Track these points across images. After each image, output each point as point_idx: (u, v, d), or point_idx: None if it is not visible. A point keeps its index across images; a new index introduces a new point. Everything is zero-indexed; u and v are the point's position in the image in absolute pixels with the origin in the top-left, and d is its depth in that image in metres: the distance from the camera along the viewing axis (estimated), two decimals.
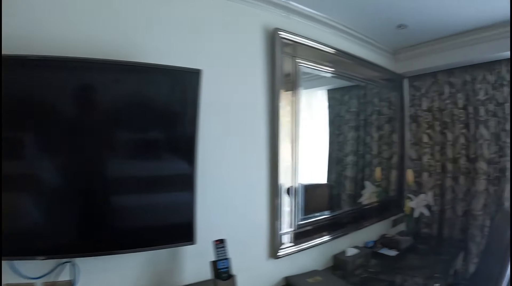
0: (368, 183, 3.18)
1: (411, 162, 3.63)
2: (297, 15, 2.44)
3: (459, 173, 3.24)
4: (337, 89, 3.02)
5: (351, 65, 2.88)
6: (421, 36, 3.14)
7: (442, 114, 3.38)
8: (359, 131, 3.16)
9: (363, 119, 3.21)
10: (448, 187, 3.32)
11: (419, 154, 3.57)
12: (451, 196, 3.30)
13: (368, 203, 3.16)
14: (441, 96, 3.38)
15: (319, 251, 2.55)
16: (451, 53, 3.14)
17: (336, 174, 3.03)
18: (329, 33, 2.73)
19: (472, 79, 3.14)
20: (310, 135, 2.61)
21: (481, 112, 3.07)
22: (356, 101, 3.15)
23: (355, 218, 2.97)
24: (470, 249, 3.12)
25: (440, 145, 3.40)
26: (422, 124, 3.55)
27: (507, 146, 2.91)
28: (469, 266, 3.11)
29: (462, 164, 3.23)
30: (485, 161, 3.05)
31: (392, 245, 2.95)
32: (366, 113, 3.25)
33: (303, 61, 2.40)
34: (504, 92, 2.93)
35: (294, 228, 2.32)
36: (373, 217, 3.17)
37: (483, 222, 3.05)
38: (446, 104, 3.34)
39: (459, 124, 3.25)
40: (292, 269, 2.33)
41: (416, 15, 2.66)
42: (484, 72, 3.05)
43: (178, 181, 1.63)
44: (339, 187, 3.05)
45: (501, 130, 2.96)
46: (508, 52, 2.69)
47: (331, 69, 2.68)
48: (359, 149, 3.18)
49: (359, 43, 3.06)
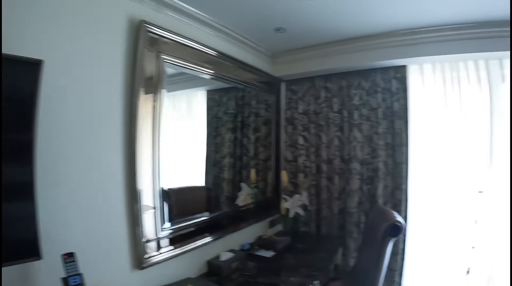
0: (243, 185, 3.10)
1: (287, 164, 3.69)
2: (171, 10, 2.27)
3: (334, 174, 3.43)
4: (216, 91, 2.93)
5: (228, 66, 2.81)
6: (300, 41, 3.22)
7: (317, 117, 3.53)
8: (236, 133, 3.08)
9: (241, 120, 3.14)
10: (324, 187, 3.47)
11: (295, 155, 3.65)
12: (327, 195, 3.47)
13: (244, 205, 3.09)
14: (317, 100, 3.54)
15: (192, 257, 2.40)
16: (328, 60, 3.31)
17: (214, 176, 2.89)
18: (206, 33, 2.62)
19: (348, 85, 3.38)
20: (184, 137, 2.56)
21: (355, 116, 3.32)
22: (234, 102, 3.08)
23: (231, 220, 2.89)
24: (349, 245, 3.32)
25: (315, 147, 3.54)
26: (298, 127, 3.65)
27: (379, 148, 3.21)
28: (349, 260, 3.30)
29: (336, 165, 3.42)
30: (358, 162, 3.30)
31: (269, 246, 2.94)
32: (244, 115, 3.19)
33: (173, 60, 2.21)
34: (377, 98, 3.24)
35: (159, 235, 2.11)
36: (249, 219, 3.13)
37: (359, 218, 3.29)
38: (322, 108, 3.51)
39: (334, 127, 3.44)
40: (162, 279, 2.13)
41: (294, 20, 2.70)
42: (359, 79, 3.32)
43: (16, 190, 1.34)
44: (216, 190, 2.94)
45: (374, 133, 3.25)
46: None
47: (207, 70, 2.55)
48: (237, 151, 3.09)
49: (237, 45, 3.01)
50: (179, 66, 2.30)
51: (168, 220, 2.21)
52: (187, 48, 2.32)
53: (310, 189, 3.54)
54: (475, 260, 2.99)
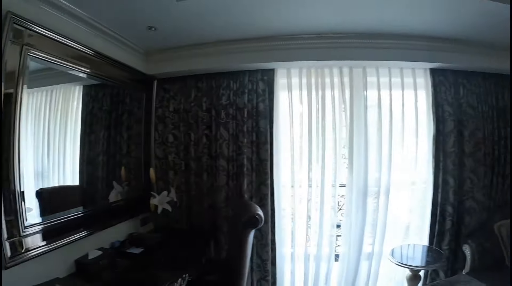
0: (115, 183, 3.04)
1: (158, 161, 3.67)
2: (44, 3, 2.16)
3: (203, 170, 3.53)
4: (92, 86, 2.83)
5: (98, 63, 2.76)
6: (171, 41, 3.26)
7: (187, 116, 3.59)
8: (110, 130, 3.02)
9: (115, 118, 3.08)
10: (193, 183, 3.55)
11: (166, 153, 3.65)
12: (196, 191, 3.55)
13: (115, 202, 3.06)
14: (188, 99, 3.60)
15: (61, 256, 2.31)
16: (200, 60, 3.41)
17: (88, 174, 2.77)
18: (79, 28, 2.53)
19: (217, 85, 3.53)
20: (57, 135, 2.44)
21: (222, 115, 3.47)
22: (109, 99, 3.01)
23: (102, 217, 2.83)
24: (220, 239, 3.47)
25: (185, 145, 3.60)
26: (168, 125, 3.66)
27: (244, 146, 3.43)
28: (221, 253, 3.45)
29: (205, 162, 3.53)
30: (225, 159, 3.47)
31: (140, 243, 2.94)
32: (118, 112, 3.13)
33: (40, 55, 2.09)
34: (244, 98, 3.46)
35: (25, 233, 2.00)
36: (120, 216, 3.10)
37: (227, 213, 3.45)
38: (191, 107, 3.58)
39: (202, 125, 3.55)
40: (29, 281, 2.02)
41: (164, 20, 2.76)
42: (229, 79, 3.50)
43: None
44: (89, 188, 2.83)
45: (239, 132, 3.46)
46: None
47: (76, 66, 2.47)
48: (110, 149, 3.03)
49: (110, 41, 2.95)
50: (47, 61, 2.17)
51: (40, 216, 2.17)
52: (57, 43, 2.23)
53: (181, 186, 3.58)
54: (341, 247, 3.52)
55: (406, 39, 3.22)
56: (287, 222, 3.54)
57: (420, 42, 3.24)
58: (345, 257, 3.54)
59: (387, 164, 3.44)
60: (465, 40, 3.26)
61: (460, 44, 3.30)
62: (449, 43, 3.28)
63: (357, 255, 3.47)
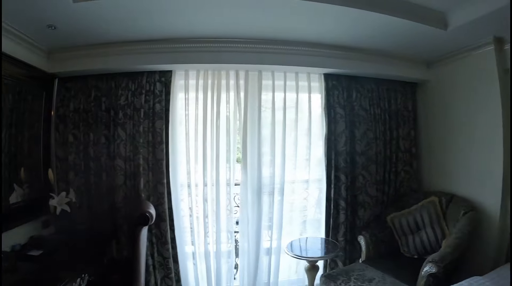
0: (15, 185, 2.97)
1: (59, 162, 3.61)
2: None
3: (101, 171, 3.53)
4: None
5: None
6: (72, 40, 3.22)
7: (87, 116, 3.56)
8: (11, 130, 2.92)
9: (16, 117, 2.98)
10: (93, 184, 3.54)
11: (66, 153, 3.59)
12: (96, 192, 3.54)
13: (15, 204, 2.95)
14: (88, 99, 3.57)
15: None
16: (100, 60, 3.40)
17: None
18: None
19: (116, 85, 3.53)
20: None
21: (120, 115, 3.49)
22: (11, 98, 2.90)
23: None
24: (121, 238, 3.49)
25: (84, 145, 3.56)
26: (69, 125, 3.59)
27: (140, 146, 3.48)
28: (123, 252, 3.46)
29: (103, 162, 3.53)
30: (122, 159, 3.49)
31: (41, 245, 2.88)
32: (20, 111, 3.05)
33: None
34: (141, 99, 3.50)
35: None
36: (20, 219, 2.98)
37: (126, 212, 3.47)
38: (91, 107, 3.56)
39: (101, 125, 3.54)
40: None
41: (64, 19, 2.73)
42: (128, 80, 3.52)
43: None
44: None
45: (136, 132, 3.50)
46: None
47: None
48: (11, 149, 2.93)
49: (8, 37, 2.78)
50: None
51: None
52: None
53: (81, 187, 3.54)
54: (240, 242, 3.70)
55: (302, 45, 3.45)
56: (186, 220, 3.63)
57: (315, 49, 3.48)
58: (244, 252, 3.70)
59: (280, 163, 3.64)
60: (360, 48, 3.55)
61: (354, 51, 3.58)
62: (343, 51, 3.55)
63: (256, 250, 3.64)
